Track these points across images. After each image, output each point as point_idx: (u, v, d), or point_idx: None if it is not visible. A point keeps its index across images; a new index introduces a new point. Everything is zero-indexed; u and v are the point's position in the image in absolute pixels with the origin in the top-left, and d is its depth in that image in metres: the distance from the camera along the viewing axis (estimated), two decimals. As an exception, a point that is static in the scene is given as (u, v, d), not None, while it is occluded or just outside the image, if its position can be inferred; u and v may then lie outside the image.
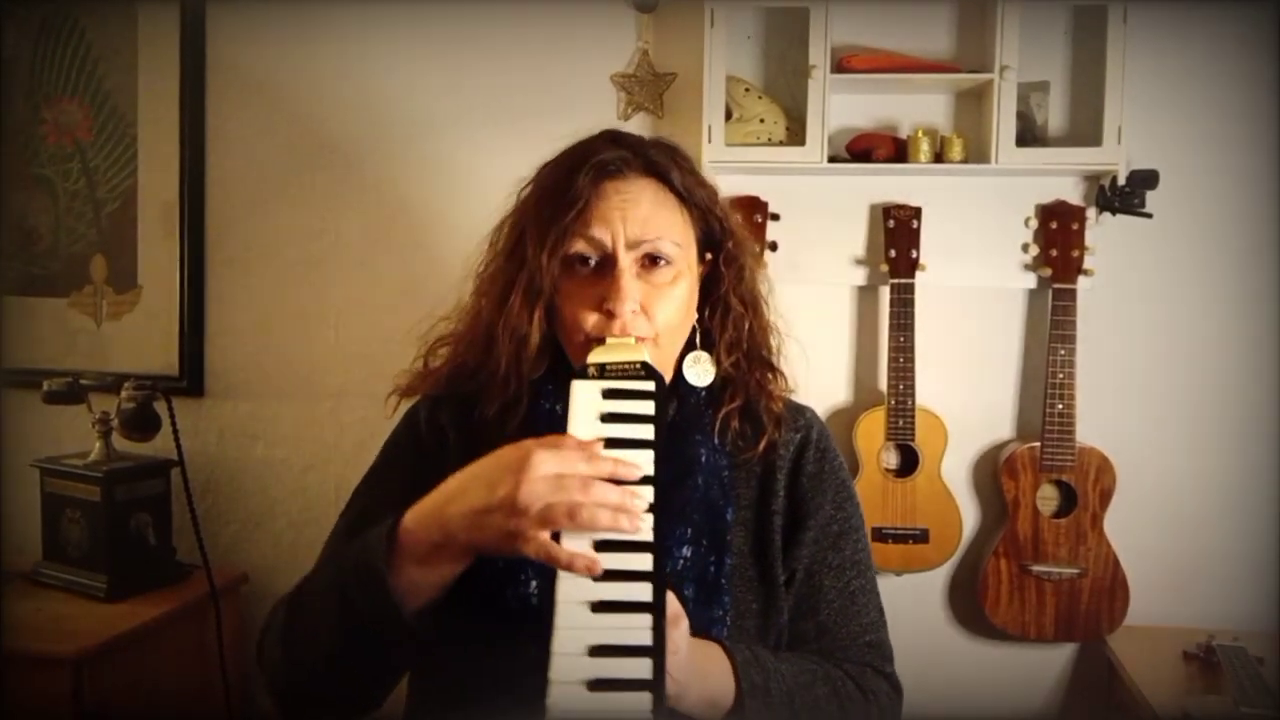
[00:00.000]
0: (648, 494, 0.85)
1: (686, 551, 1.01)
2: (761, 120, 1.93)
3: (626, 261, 1.02)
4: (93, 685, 1.69)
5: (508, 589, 0.99)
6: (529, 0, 2.05)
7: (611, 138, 1.09)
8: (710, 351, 1.11)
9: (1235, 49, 1.93)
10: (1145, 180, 1.83)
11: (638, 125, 2.03)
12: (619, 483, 0.84)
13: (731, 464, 1.09)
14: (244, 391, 2.20)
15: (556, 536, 0.84)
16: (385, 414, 1.19)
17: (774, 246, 1.98)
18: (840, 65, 1.89)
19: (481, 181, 2.01)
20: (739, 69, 1.99)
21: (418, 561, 0.89)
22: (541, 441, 0.87)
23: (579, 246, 1.02)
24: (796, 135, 1.91)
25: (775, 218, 1.98)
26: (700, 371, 1.10)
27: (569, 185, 1.03)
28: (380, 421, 1.21)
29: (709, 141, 1.89)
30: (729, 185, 2.01)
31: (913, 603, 2.03)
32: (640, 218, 1.02)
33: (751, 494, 1.11)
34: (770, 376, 1.13)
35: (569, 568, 0.81)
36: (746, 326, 1.12)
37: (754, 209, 1.96)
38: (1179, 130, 1.95)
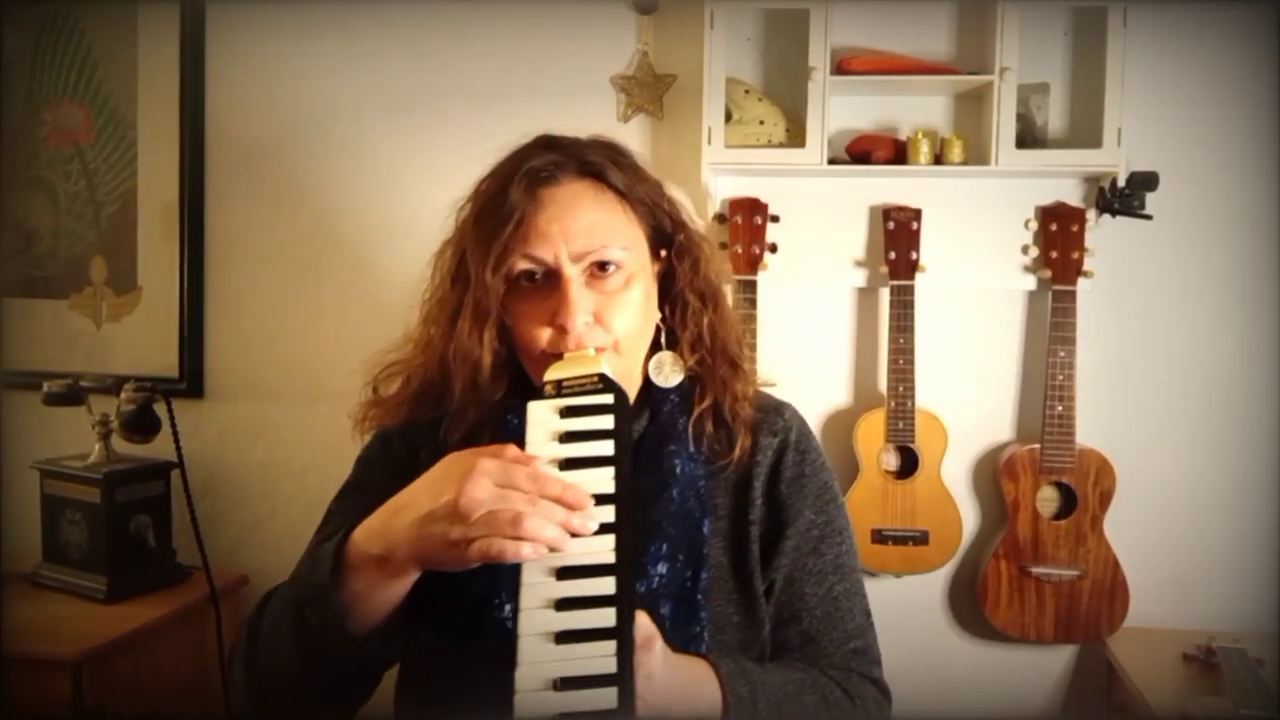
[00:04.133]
0: (606, 514, 0.81)
1: (662, 568, 0.97)
2: (761, 122, 1.93)
3: (573, 273, 0.97)
4: (92, 687, 1.69)
5: (484, 613, 0.97)
6: (528, 2, 2.06)
7: (545, 143, 1.05)
8: (675, 350, 1.07)
9: (1235, 50, 1.93)
10: (1145, 182, 1.83)
11: (637, 127, 2.03)
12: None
13: (708, 472, 1.05)
14: (244, 393, 2.20)
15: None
16: (354, 440, 1.18)
17: (774, 248, 1.98)
18: (840, 67, 1.89)
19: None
20: (739, 71, 1.99)
21: (364, 577, 0.87)
22: (486, 450, 0.84)
23: (522, 265, 0.98)
24: (796, 137, 1.91)
25: (775, 219, 1.98)
26: (666, 374, 1.06)
27: (503, 200, 0.99)
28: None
29: (709, 143, 1.89)
30: (728, 187, 2.02)
31: (912, 605, 2.03)
32: (582, 227, 0.98)
33: (728, 503, 1.07)
34: (735, 374, 1.08)
35: (516, 557, 0.77)
36: (706, 321, 1.07)
37: (754, 211, 1.96)
38: (1179, 132, 1.95)
